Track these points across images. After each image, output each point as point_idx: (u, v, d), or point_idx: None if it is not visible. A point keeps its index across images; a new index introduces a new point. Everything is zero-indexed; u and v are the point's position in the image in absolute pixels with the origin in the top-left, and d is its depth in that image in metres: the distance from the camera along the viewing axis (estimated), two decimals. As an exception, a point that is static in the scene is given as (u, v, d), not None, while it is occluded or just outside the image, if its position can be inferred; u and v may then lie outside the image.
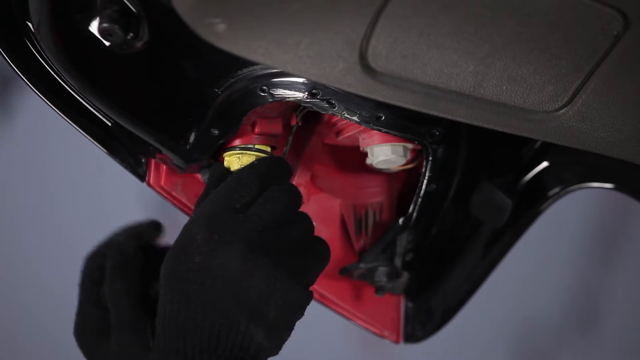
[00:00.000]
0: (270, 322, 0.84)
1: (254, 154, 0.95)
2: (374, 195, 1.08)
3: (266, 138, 0.95)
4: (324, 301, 1.10)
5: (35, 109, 2.01)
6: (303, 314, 0.87)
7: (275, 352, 0.86)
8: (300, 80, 0.90)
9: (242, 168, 0.90)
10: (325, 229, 1.08)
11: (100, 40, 0.87)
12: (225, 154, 0.96)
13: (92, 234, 2.15)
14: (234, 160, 0.95)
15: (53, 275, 2.06)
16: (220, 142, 0.94)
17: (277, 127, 0.96)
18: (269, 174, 0.88)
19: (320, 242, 0.90)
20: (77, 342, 1.00)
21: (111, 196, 2.07)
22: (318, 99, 0.91)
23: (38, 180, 2.09)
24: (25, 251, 2.08)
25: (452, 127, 0.97)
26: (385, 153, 0.95)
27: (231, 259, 0.83)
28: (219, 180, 0.91)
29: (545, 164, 1.09)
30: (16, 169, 2.09)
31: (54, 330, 2.07)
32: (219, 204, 0.85)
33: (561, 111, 0.83)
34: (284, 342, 0.86)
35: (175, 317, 0.83)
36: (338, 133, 1.00)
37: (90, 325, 0.99)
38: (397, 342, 1.15)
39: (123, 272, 0.97)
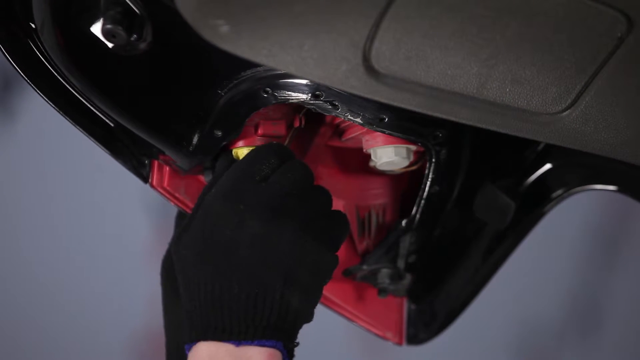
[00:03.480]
0: (304, 285, 0.85)
1: None
2: (377, 197, 1.08)
3: (269, 140, 0.95)
4: (326, 302, 1.10)
5: (37, 110, 2.01)
6: (330, 278, 0.88)
7: (310, 318, 0.87)
8: (304, 81, 0.90)
9: (258, 146, 0.91)
10: (328, 231, 1.08)
11: (104, 42, 0.87)
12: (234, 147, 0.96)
13: (93, 235, 2.15)
14: (246, 152, 0.95)
15: (53, 276, 2.06)
16: (224, 143, 0.94)
17: (280, 129, 0.95)
18: (284, 151, 0.90)
19: (339, 213, 0.91)
20: (162, 270, 1.02)
21: (113, 197, 2.07)
22: (321, 100, 0.91)
23: (39, 181, 2.09)
24: (26, 251, 2.08)
25: (455, 129, 0.97)
26: (388, 155, 0.95)
27: (259, 227, 0.84)
28: (227, 168, 0.91)
29: (548, 166, 1.09)
30: (18, 170, 2.09)
31: (54, 330, 2.07)
32: (239, 176, 0.87)
33: (564, 113, 0.83)
34: (314, 308, 0.87)
35: (210, 294, 0.83)
36: (341, 134, 1.00)
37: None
38: (399, 343, 1.15)
39: None
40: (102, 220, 2.10)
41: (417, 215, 1.01)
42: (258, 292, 0.83)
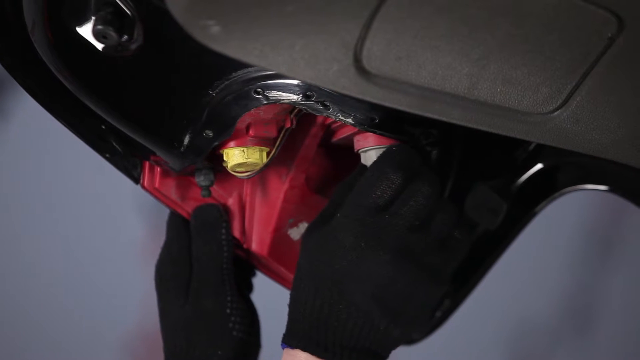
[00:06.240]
0: (409, 320, 0.88)
1: (257, 148, 0.94)
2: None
3: (261, 141, 0.95)
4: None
5: (30, 110, 2.00)
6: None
7: (406, 341, 0.93)
8: (295, 82, 0.90)
9: (380, 159, 0.90)
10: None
11: (95, 43, 0.87)
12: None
13: (89, 235, 2.15)
14: (237, 153, 0.95)
15: (51, 275, 2.06)
16: (215, 144, 0.94)
17: (271, 130, 0.95)
18: (408, 163, 0.89)
19: (459, 238, 0.92)
20: (156, 274, 1.04)
21: (107, 197, 2.07)
22: (312, 101, 0.91)
23: (34, 182, 2.09)
24: (20, 251, 2.08)
25: (446, 129, 0.97)
26: (379, 155, 0.95)
27: (377, 267, 0.86)
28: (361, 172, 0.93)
29: (539, 166, 1.09)
30: (12, 170, 2.09)
31: (47, 329, 2.07)
32: (363, 205, 0.87)
33: (555, 113, 0.83)
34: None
35: (317, 311, 0.86)
36: (332, 135, 1.00)
37: (172, 269, 1.03)
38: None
39: (208, 234, 1.02)
40: (95, 221, 2.10)
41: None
42: (364, 324, 0.86)
